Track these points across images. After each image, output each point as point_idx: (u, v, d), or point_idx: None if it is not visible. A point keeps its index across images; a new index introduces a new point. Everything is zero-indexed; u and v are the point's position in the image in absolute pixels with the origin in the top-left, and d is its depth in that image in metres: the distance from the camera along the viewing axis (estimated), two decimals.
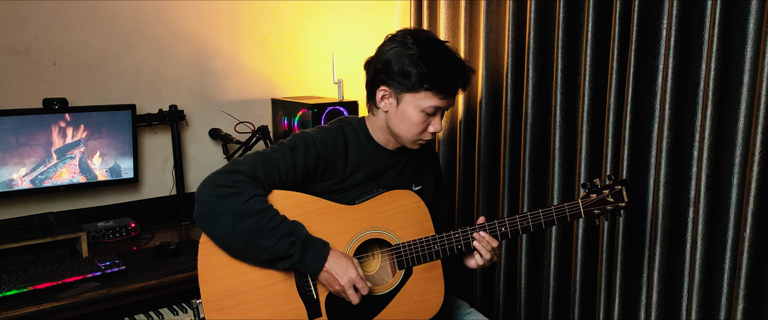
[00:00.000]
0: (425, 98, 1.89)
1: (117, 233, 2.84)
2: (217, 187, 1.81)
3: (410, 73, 1.87)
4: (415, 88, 1.89)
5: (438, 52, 1.89)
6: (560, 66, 2.71)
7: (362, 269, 1.93)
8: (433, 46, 1.90)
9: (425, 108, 1.90)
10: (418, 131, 1.95)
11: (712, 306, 2.37)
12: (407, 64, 1.87)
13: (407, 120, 1.93)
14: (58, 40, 2.81)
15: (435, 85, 1.87)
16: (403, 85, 1.89)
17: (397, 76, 1.89)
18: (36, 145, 2.68)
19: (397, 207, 2.00)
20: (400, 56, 1.89)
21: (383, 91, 1.95)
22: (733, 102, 2.22)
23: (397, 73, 1.89)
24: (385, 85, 1.94)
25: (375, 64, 1.96)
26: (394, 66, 1.89)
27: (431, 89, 1.88)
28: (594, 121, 2.65)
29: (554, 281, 2.90)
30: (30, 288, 2.28)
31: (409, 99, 1.91)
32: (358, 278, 1.86)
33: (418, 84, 1.87)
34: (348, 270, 1.86)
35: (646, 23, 2.41)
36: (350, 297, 1.86)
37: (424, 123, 1.94)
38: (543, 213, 1.99)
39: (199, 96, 3.19)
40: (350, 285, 1.86)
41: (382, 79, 1.94)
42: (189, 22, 3.10)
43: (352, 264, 1.88)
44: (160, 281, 2.43)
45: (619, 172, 2.53)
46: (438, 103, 1.90)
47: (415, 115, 1.92)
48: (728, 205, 2.27)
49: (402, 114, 1.93)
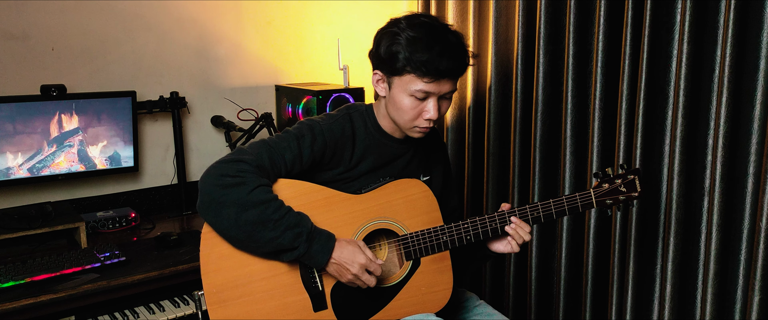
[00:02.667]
0: (411, 82, 1.88)
1: (117, 223, 2.85)
2: (220, 177, 1.82)
3: (395, 56, 1.87)
4: (399, 72, 1.89)
5: (428, 35, 1.87)
6: (572, 51, 2.71)
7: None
8: (425, 29, 1.88)
9: (413, 92, 1.89)
10: (410, 117, 1.94)
11: (728, 298, 2.37)
12: (393, 46, 1.88)
13: (398, 105, 1.93)
14: (57, 25, 2.82)
15: (417, 68, 1.85)
16: (391, 68, 1.90)
17: (385, 60, 1.90)
18: (33, 132, 2.69)
19: (404, 196, 2.01)
20: (389, 40, 1.89)
21: (377, 75, 1.97)
22: (749, 88, 2.21)
23: (385, 56, 1.90)
24: (377, 69, 1.96)
25: (372, 49, 1.98)
26: (382, 49, 1.91)
27: (413, 72, 1.86)
28: (606, 108, 2.65)
29: (565, 273, 2.91)
30: (27, 279, 2.29)
31: (397, 83, 1.91)
32: (368, 261, 1.87)
33: (402, 68, 1.87)
34: (356, 255, 1.87)
35: (660, 8, 2.40)
36: (366, 281, 1.87)
37: (416, 108, 1.92)
38: (554, 203, 1.99)
39: (201, 82, 3.20)
40: (363, 270, 1.86)
41: (375, 63, 1.97)
42: (191, 6, 3.10)
43: (359, 248, 1.88)
44: (161, 272, 2.45)
45: (632, 161, 2.53)
46: (424, 87, 1.88)
47: (404, 100, 1.91)
48: (744, 195, 2.27)
49: (394, 99, 1.94)
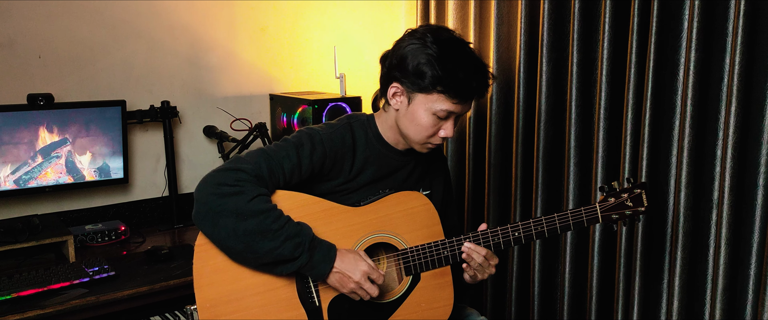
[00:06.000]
0: (438, 101, 1.90)
1: (106, 236, 2.85)
2: (218, 186, 1.83)
3: (424, 73, 1.88)
4: (427, 90, 1.89)
5: (457, 54, 1.90)
6: (576, 60, 2.72)
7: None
8: (454, 47, 1.91)
9: (437, 111, 1.91)
10: (427, 134, 1.96)
11: (737, 314, 2.38)
12: (423, 64, 1.88)
13: (417, 121, 1.94)
14: (44, 32, 2.82)
15: (449, 89, 1.88)
16: (416, 84, 1.90)
17: (411, 75, 1.90)
18: (20, 143, 2.69)
19: (404, 209, 2.02)
20: (416, 54, 1.89)
21: (395, 88, 1.96)
22: (759, 98, 2.23)
23: (412, 71, 1.90)
24: (397, 82, 1.95)
25: (391, 59, 1.97)
26: (409, 63, 1.90)
27: (445, 92, 1.88)
28: (611, 118, 2.66)
29: (569, 288, 2.91)
30: (13, 295, 2.28)
31: (420, 100, 1.92)
32: (370, 269, 1.88)
33: (432, 85, 1.88)
34: (358, 264, 1.88)
35: (667, 14, 2.42)
36: (368, 290, 1.88)
37: (435, 126, 1.95)
38: (558, 217, 2.00)
39: (193, 91, 3.21)
40: (365, 278, 1.87)
41: (395, 76, 1.95)
42: (182, 12, 3.11)
43: (360, 256, 1.89)
44: (152, 287, 2.44)
45: (638, 172, 2.54)
46: (451, 107, 1.91)
47: (425, 118, 1.93)
48: (753, 207, 2.28)
49: (412, 114, 1.94)
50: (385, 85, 2.01)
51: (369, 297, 1.90)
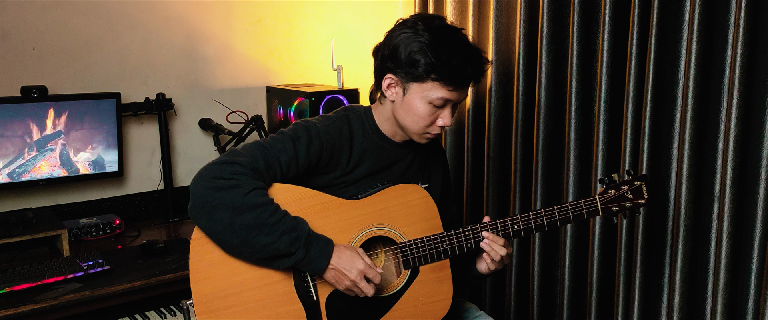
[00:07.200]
0: (433, 89, 1.90)
1: (100, 230, 2.85)
2: (213, 179, 1.82)
3: (417, 62, 1.88)
4: (421, 78, 1.89)
5: (450, 40, 1.89)
6: (576, 51, 2.72)
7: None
8: (446, 33, 1.90)
9: (433, 99, 1.91)
10: (424, 124, 1.96)
11: (739, 308, 2.39)
12: (415, 52, 1.87)
13: (413, 111, 1.94)
14: (38, 24, 2.82)
15: (443, 76, 1.87)
16: (410, 73, 1.90)
17: (404, 64, 1.90)
18: (13, 136, 2.68)
19: (402, 202, 2.01)
20: (408, 43, 1.89)
21: (390, 79, 1.96)
22: (761, 90, 2.23)
23: (405, 60, 1.89)
24: (391, 73, 1.95)
25: (383, 51, 1.97)
26: (401, 53, 1.90)
27: (439, 80, 1.88)
28: (612, 110, 2.66)
29: (569, 282, 2.92)
30: (7, 289, 2.29)
31: (415, 89, 1.92)
32: (367, 267, 1.87)
33: (426, 74, 1.88)
34: (355, 261, 1.87)
35: (668, 6, 2.42)
36: (364, 289, 1.87)
37: (432, 115, 1.94)
38: (558, 210, 2.00)
39: (189, 83, 3.20)
40: (361, 277, 1.87)
41: (389, 67, 1.95)
42: (177, 3, 3.11)
43: (357, 254, 1.89)
44: (147, 282, 2.45)
45: (639, 166, 2.54)
46: (446, 95, 1.90)
47: (421, 107, 1.93)
48: (755, 200, 2.28)
49: (408, 105, 1.94)
50: (379, 77, 2.00)
51: (364, 295, 1.90)
